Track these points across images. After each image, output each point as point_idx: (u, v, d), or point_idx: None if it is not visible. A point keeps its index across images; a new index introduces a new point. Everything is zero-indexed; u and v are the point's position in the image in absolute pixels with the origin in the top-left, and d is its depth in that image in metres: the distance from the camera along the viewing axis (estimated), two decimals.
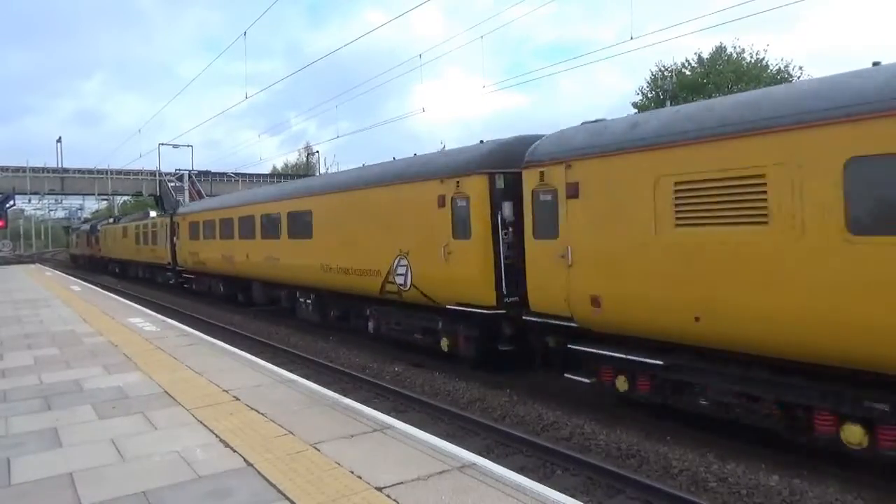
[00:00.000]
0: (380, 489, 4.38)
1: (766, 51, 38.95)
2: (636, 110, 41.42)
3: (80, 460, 5.15)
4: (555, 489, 4.69)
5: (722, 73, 37.38)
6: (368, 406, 6.93)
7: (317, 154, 68.96)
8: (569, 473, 6.71)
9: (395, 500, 4.20)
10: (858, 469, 6.21)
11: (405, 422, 6.31)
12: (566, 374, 8.77)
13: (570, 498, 4.45)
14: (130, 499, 4.38)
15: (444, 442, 5.55)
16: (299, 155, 75.77)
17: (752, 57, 38.65)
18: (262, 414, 6.27)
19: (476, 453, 5.42)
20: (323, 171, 65.91)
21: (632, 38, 14.95)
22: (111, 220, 46.16)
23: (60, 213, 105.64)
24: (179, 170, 56.69)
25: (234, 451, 5.23)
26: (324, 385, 7.98)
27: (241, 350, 10.30)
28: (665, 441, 7.39)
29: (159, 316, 14.91)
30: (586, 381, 8.45)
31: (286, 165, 77.29)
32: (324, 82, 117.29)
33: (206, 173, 57.66)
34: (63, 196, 69.38)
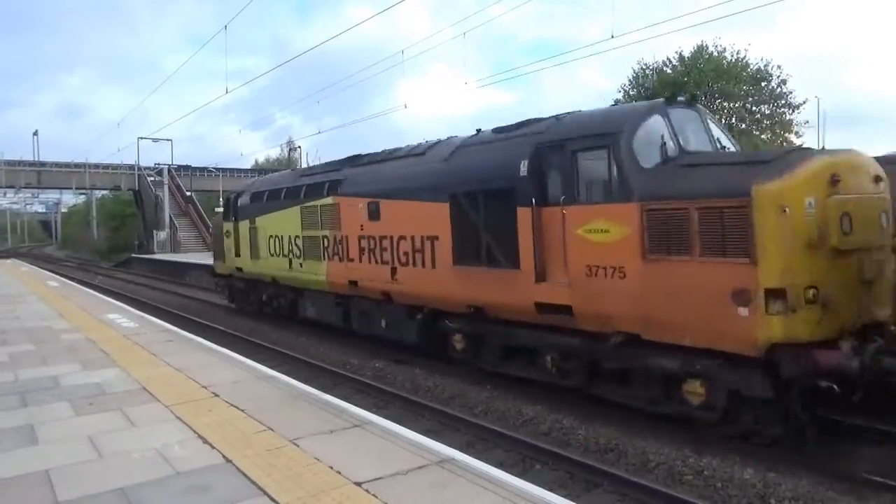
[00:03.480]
0: (359, 484, 4.40)
1: (746, 50, 39.35)
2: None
3: (56, 457, 5.11)
4: (533, 483, 4.74)
5: (703, 72, 37.71)
6: (349, 402, 6.95)
7: (299, 149, 68.46)
8: (548, 468, 6.77)
9: (374, 495, 4.22)
10: (832, 463, 6.33)
11: (385, 417, 6.33)
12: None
13: (548, 492, 4.51)
14: (108, 495, 4.36)
15: (424, 437, 5.59)
16: (281, 150, 75.19)
17: (732, 56, 39.05)
18: (241, 410, 6.26)
19: (456, 448, 5.45)
20: (305, 166, 65.53)
21: (613, 37, 15.08)
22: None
23: (37, 208, 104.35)
24: (159, 164, 56.12)
25: (213, 448, 5.22)
26: (304, 381, 7.96)
27: (221, 346, 10.25)
28: (643, 435, 7.48)
29: (137, 312, 14.77)
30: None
31: (267, 160, 76.71)
32: (309, 78, 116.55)
33: (186, 168, 57.14)
34: (39, 190, 68.46)
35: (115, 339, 10.60)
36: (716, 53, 39.06)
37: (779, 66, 38.71)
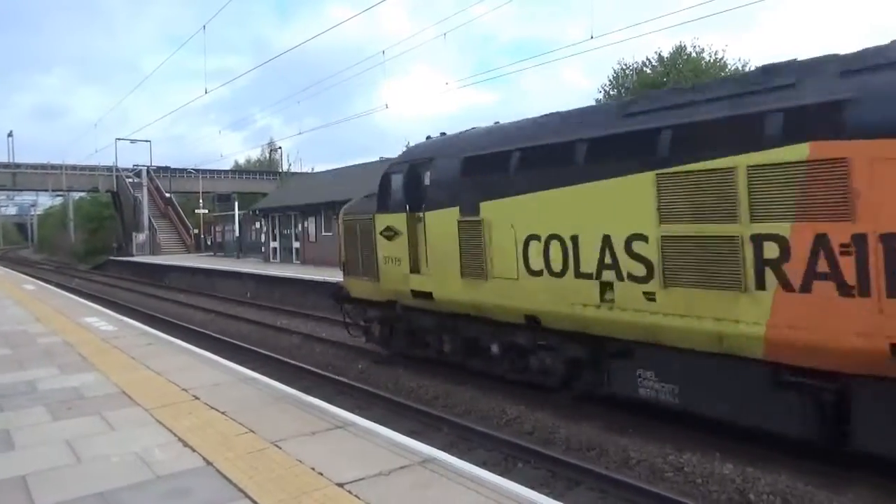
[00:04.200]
0: (341, 485, 4.39)
1: (724, 51, 39.89)
2: None
3: (34, 462, 5.03)
4: (515, 482, 4.77)
5: (681, 72, 38.08)
6: (331, 403, 6.92)
7: (280, 150, 68.14)
8: (530, 466, 6.81)
9: (356, 496, 4.21)
10: (808, 458, 6.42)
11: (368, 418, 6.32)
12: None
13: (530, 490, 4.53)
14: (87, 500, 4.31)
15: (406, 437, 5.59)
16: (262, 151, 74.75)
17: (710, 56, 39.51)
18: (222, 413, 6.21)
19: (439, 448, 5.46)
20: (286, 168, 65.27)
21: (592, 38, 15.14)
22: None
23: (11, 210, 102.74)
24: (137, 165, 55.55)
25: (194, 451, 5.17)
26: (286, 383, 7.92)
27: (202, 349, 10.17)
28: (626, 433, 7.54)
29: (116, 315, 14.60)
30: None
31: (248, 161, 76.18)
32: (290, 79, 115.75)
33: (166, 169, 56.62)
34: (14, 192, 67.39)
35: (94, 343, 10.47)
36: (694, 54, 39.50)
37: (756, 67, 39.17)
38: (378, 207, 10.99)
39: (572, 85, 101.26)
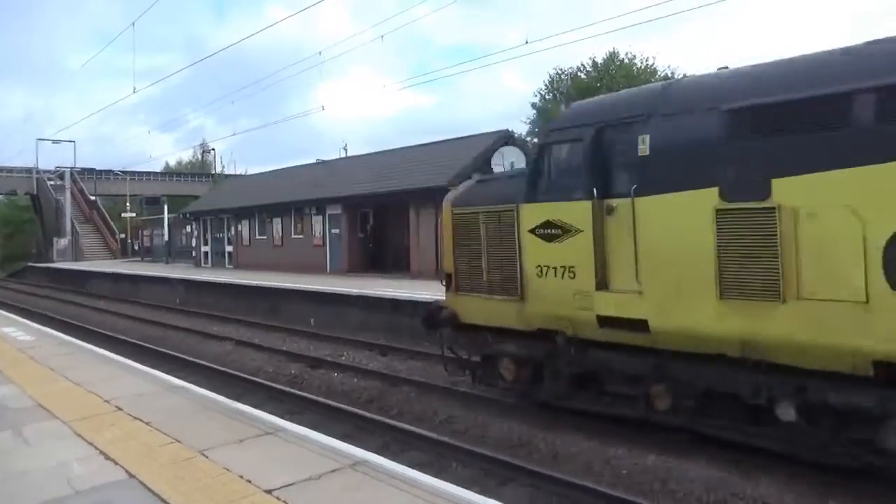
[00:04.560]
0: (269, 492, 4.34)
1: (654, 58, 41.51)
2: (535, 112, 42.94)
3: None
4: (448, 481, 4.83)
5: (614, 77, 39.27)
6: (261, 410, 6.83)
7: (213, 152, 66.34)
8: (462, 466, 6.89)
9: (284, 502, 4.18)
10: (727, 449, 6.73)
11: (300, 423, 6.27)
12: None
13: (462, 489, 4.60)
14: None
15: (337, 441, 5.57)
16: (194, 153, 72.63)
17: (642, 63, 40.99)
18: (146, 423, 6.03)
19: (372, 451, 5.46)
20: (219, 169, 63.60)
21: (527, 42, 15.57)
22: None
23: None
24: (60, 167, 53.09)
25: (116, 464, 5.01)
26: (216, 391, 7.77)
27: (127, 358, 9.83)
28: (555, 430, 7.72)
29: (35, 324, 13.95)
30: None
31: (179, 163, 73.94)
32: (225, 78, 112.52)
33: (91, 171, 54.31)
34: None
35: (9, 354, 9.96)
36: (626, 60, 40.84)
37: (684, 74, 40.80)
38: (527, 194, 7.73)
39: (511, 88, 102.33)
